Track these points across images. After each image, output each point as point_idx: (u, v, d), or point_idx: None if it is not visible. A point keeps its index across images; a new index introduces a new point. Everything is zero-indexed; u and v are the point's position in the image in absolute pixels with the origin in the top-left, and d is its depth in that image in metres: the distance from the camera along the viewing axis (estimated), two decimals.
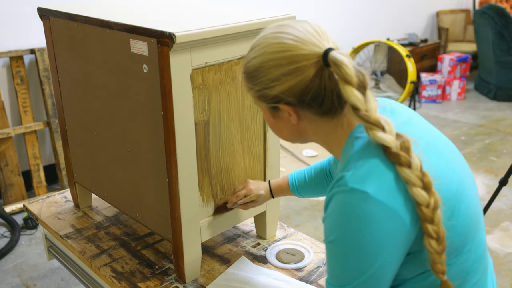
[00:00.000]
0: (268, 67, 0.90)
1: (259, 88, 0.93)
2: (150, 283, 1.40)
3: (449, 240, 0.87)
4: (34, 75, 3.27)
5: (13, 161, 3.14)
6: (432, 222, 0.83)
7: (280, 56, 0.89)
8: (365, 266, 0.85)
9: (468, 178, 0.98)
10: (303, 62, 0.87)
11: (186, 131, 1.25)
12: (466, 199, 0.92)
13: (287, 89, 0.90)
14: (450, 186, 0.90)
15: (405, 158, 0.84)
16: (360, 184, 0.84)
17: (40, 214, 1.76)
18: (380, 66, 4.85)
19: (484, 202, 3.08)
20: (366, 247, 0.84)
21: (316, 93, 0.89)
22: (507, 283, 2.45)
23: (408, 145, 0.85)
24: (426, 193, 0.83)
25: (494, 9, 4.91)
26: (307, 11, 4.64)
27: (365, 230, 0.84)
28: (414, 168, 0.83)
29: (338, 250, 0.88)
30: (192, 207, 1.33)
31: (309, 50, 0.87)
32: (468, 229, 0.92)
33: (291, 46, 0.88)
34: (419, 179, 0.83)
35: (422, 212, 0.83)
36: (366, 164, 0.86)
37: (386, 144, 0.84)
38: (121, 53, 1.30)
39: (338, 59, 0.85)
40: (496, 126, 4.48)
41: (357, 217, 0.84)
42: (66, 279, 2.51)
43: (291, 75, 0.88)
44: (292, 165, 3.66)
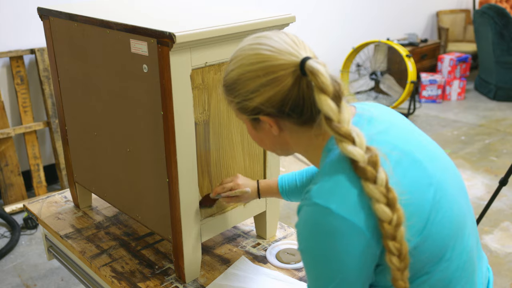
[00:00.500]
0: (245, 79, 0.91)
1: (239, 100, 0.94)
2: (150, 283, 1.40)
3: (426, 250, 0.88)
4: (34, 75, 3.27)
5: (13, 161, 3.14)
6: (394, 239, 0.83)
7: (257, 67, 0.89)
8: (332, 275, 0.87)
9: (451, 183, 0.96)
10: (281, 72, 0.87)
11: (186, 131, 1.25)
12: (444, 208, 0.91)
13: (266, 100, 0.90)
14: (423, 197, 0.89)
15: (371, 173, 0.84)
16: (324, 200, 0.85)
17: (40, 214, 1.76)
18: (380, 66, 4.85)
19: (484, 202, 3.08)
20: (330, 258, 0.86)
21: (295, 102, 0.89)
22: (507, 283, 2.45)
23: (376, 160, 0.85)
24: (389, 210, 0.83)
25: (494, 9, 4.91)
26: (307, 11, 4.65)
27: (328, 243, 0.85)
28: (379, 184, 0.83)
29: (307, 259, 0.91)
30: (192, 207, 1.33)
31: (286, 59, 0.87)
32: (448, 238, 0.91)
33: (267, 57, 0.88)
34: (383, 195, 0.83)
35: (383, 228, 0.83)
36: (332, 179, 0.87)
37: (353, 157, 0.84)
38: (121, 53, 1.30)
39: (314, 67, 0.84)
40: (496, 126, 4.48)
41: (320, 231, 0.86)
42: (66, 279, 2.51)
43: (269, 86, 0.88)
44: (292, 165, 3.66)
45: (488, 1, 5.90)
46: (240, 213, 1.48)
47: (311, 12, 4.70)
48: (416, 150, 0.94)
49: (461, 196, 0.98)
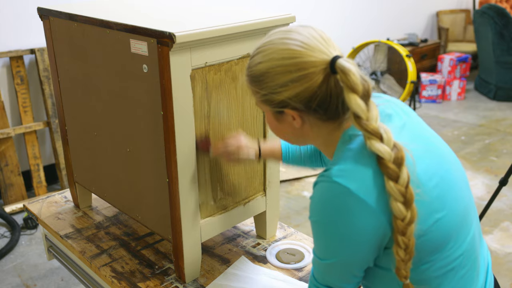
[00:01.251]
0: (275, 73, 0.91)
1: (265, 93, 0.94)
2: (150, 283, 1.40)
3: (429, 241, 0.91)
4: (34, 75, 3.27)
5: (13, 161, 3.14)
6: (403, 235, 0.87)
7: (288, 62, 0.90)
8: (339, 251, 0.92)
9: (456, 177, 0.99)
10: (311, 69, 0.88)
11: (186, 131, 1.25)
12: (449, 202, 0.94)
13: (295, 95, 0.91)
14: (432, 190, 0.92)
15: (394, 172, 0.86)
16: (344, 180, 0.88)
17: (40, 214, 1.76)
18: (380, 66, 4.85)
19: (484, 202, 3.08)
20: (342, 235, 0.90)
21: (323, 99, 0.91)
22: (507, 283, 2.45)
23: (402, 158, 0.87)
24: (404, 208, 0.86)
25: (494, 9, 4.91)
26: (307, 11, 4.64)
27: (342, 220, 0.89)
28: (400, 184, 0.86)
29: (318, 230, 0.95)
30: (192, 207, 1.33)
31: (317, 57, 0.89)
32: (452, 229, 0.94)
33: (299, 53, 0.89)
34: (401, 194, 0.86)
35: (396, 224, 0.87)
36: (354, 163, 0.90)
37: (380, 155, 0.87)
38: (121, 53, 1.30)
39: (345, 67, 0.86)
40: (496, 126, 4.48)
41: (336, 208, 0.89)
42: (66, 279, 2.51)
43: (299, 82, 0.89)
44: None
45: (488, 1, 5.90)
46: (240, 213, 1.48)
47: (311, 12, 4.70)
48: (427, 146, 0.97)
49: (465, 189, 1.02)
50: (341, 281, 0.98)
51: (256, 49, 0.96)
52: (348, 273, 0.96)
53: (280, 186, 2.82)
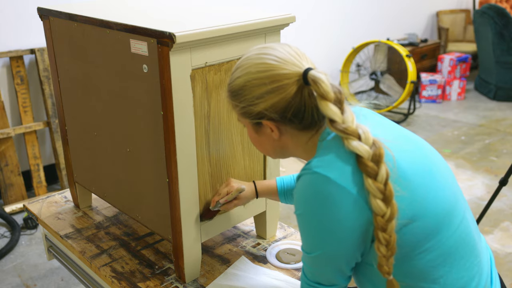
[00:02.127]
0: (251, 85, 0.97)
1: (244, 105, 1.00)
2: (150, 283, 1.40)
3: (417, 229, 0.93)
4: (34, 75, 3.27)
5: (13, 161, 3.14)
6: (384, 231, 0.89)
7: (263, 75, 0.95)
8: (324, 242, 0.95)
9: (438, 167, 1.02)
10: (285, 81, 0.94)
11: (186, 131, 1.25)
12: (436, 190, 0.97)
13: (270, 106, 0.96)
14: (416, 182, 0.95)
15: (373, 169, 0.89)
16: (323, 169, 0.92)
17: (40, 214, 1.76)
18: (380, 66, 4.85)
19: (484, 202, 3.08)
20: (325, 225, 0.93)
21: (297, 109, 0.96)
22: (507, 283, 2.45)
23: (380, 155, 0.90)
24: (384, 205, 0.88)
25: (494, 9, 4.91)
26: (307, 11, 4.65)
27: (325, 210, 0.92)
28: (379, 181, 0.88)
29: (303, 222, 0.97)
30: (192, 207, 1.33)
31: (290, 69, 0.94)
32: (440, 217, 0.96)
33: (273, 66, 0.95)
34: (380, 191, 0.88)
35: (376, 221, 0.89)
36: (331, 153, 0.94)
37: (359, 153, 0.90)
38: (121, 53, 1.30)
39: (316, 76, 0.91)
40: (496, 126, 4.48)
41: (318, 198, 0.92)
42: (66, 279, 2.51)
43: (274, 93, 0.95)
44: (292, 165, 3.66)
45: (488, 1, 5.90)
46: (240, 213, 1.48)
47: (311, 12, 4.70)
48: (406, 138, 1.02)
49: (451, 179, 1.04)
50: (330, 277, 0.99)
51: (236, 66, 1.02)
52: (335, 268, 0.98)
53: None
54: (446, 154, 3.91)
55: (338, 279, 1.00)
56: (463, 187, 3.36)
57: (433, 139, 4.20)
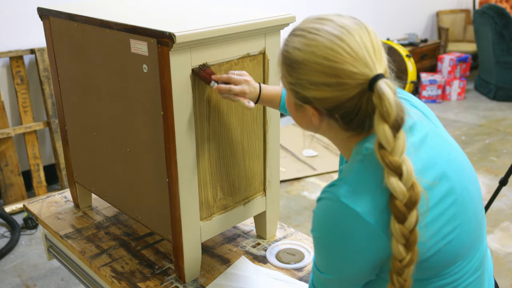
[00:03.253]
0: (310, 68, 0.85)
1: (293, 82, 0.88)
2: (150, 283, 1.40)
3: (438, 261, 0.89)
4: (34, 75, 3.27)
5: (13, 161, 3.14)
6: (399, 275, 0.84)
7: (327, 64, 0.83)
8: (340, 269, 0.90)
9: (472, 194, 0.95)
10: (348, 80, 0.83)
11: (186, 131, 1.25)
12: (462, 223, 0.91)
13: (321, 98, 0.86)
14: (443, 213, 0.89)
15: (403, 214, 0.82)
16: (352, 202, 0.84)
17: (40, 214, 1.76)
18: None
19: (484, 202, 3.08)
20: (343, 256, 0.88)
21: (349, 112, 0.86)
22: (507, 283, 2.45)
23: (415, 201, 0.82)
24: (404, 250, 0.82)
25: (494, 9, 4.91)
26: (307, 11, 4.65)
27: (346, 241, 0.86)
28: (406, 227, 0.82)
29: (319, 245, 0.92)
30: (192, 207, 1.33)
31: (359, 69, 0.83)
32: (463, 249, 0.92)
33: (342, 58, 0.83)
34: (403, 236, 0.82)
35: (393, 264, 0.84)
36: (365, 184, 0.86)
37: (395, 194, 0.82)
38: (121, 53, 1.30)
39: (383, 91, 0.80)
40: (496, 126, 4.48)
41: (340, 229, 0.86)
42: (66, 279, 2.51)
43: (331, 87, 0.84)
44: (292, 165, 3.66)
45: (488, 1, 5.90)
46: (240, 213, 1.48)
47: (311, 12, 4.70)
48: (444, 163, 0.92)
49: (479, 205, 0.98)
50: None
51: (299, 29, 0.88)
52: (348, 286, 0.94)
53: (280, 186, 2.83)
54: None
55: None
56: None
57: None
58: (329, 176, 3.53)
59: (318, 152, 3.85)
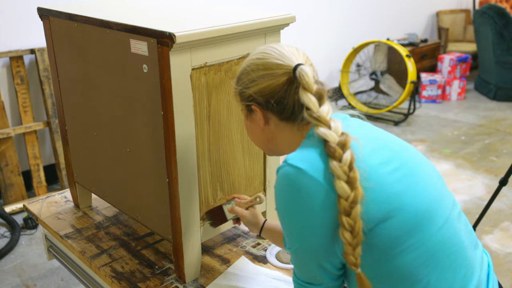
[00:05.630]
0: (249, 70, 1.06)
1: (240, 88, 1.08)
2: (150, 283, 1.40)
3: (391, 229, 0.93)
4: (34, 75, 3.27)
5: (13, 161, 3.14)
6: (348, 215, 0.91)
7: (260, 62, 1.05)
8: (301, 234, 0.97)
9: (419, 168, 1.03)
10: (277, 70, 1.02)
11: (186, 131, 1.25)
12: (409, 190, 0.97)
13: (259, 90, 1.04)
14: (390, 184, 0.97)
15: (338, 152, 0.93)
16: (296, 161, 0.96)
17: (40, 214, 1.76)
18: (380, 66, 4.85)
19: (484, 202, 3.08)
20: (299, 216, 0.96)
21: (281, 97, 1.03)
22: (507, 283, 2.45)
23: (346, 141, 0.95)
24: (348, 187, 0.91)
25: (494, 9, 4.91)
26: (307, 11, 4.64)
27: (298, 200, 0.95)
28: (343, 163, 0.92)
29: (281, 217, 1.01)
30: (192, 207, 1.33)
31: (284, 62, 1.03)
32: (415, 218, 0.96)
33: (270, 56, 1.04)
34: (344, 173, 0.92)
35: (340, 204, 0.91)
36: (305, 149, 0.99)
37: (325, 138, 0.96)
38: (121, 53, 1.31)
39: (303, 70, 0.99)
40: (496, 126, 4.48)
41: (291, 189, 0.96)
42: (66, 279, 2.51)
43: (264, 78, 1.03)
44: None
45: (488, 1, 5.90)
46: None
47: (311, 12, 4.70)
48: (386, 140, 1.05)
49: (437, 180, 1.05)
50: (316, 275, 1.00)
51: None
52: (317, 264, 0.98)
53: None
54: (446, 154, 3.91)
55: (324, 278, 1.00)
56: (463, 187, 3.36)
57: (433, 139, 4.20)
58: None
59: None
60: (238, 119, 1.38)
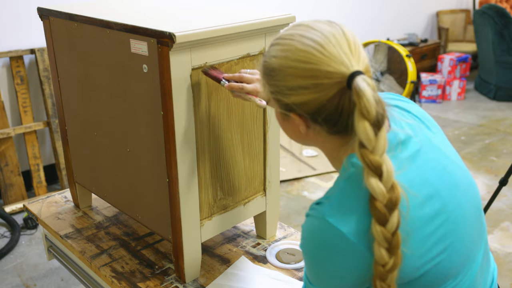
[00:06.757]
0: (286, 73, 0.85)
1: (273, 90, 0.88)
2: (150, 283, 1.40)
3: (427, 280, 0.87)
4: (34, 75, 3.27)
5: (13, 161, 3.14)
6: (383, 281, 0.82)
7: (301, 66, 0.83)
8: (328, 284, 0.89)
9: (465, 211, 0.93)
10: (325, 80, 0.81)
11: (186, 131, 1.25)
12: (454, 242, 0.89)
13: (302, 103, 0.85)
14: (430, 233, 0.87)
15: (383, 215, 0.80)
16: (338, 222, 0.83)
17: (40, 214, 1.76)
18: (380, 66, 4.85)
19: (484, 202, 3.08)
20: (330, 273, 0.87)
21: (331, 114, 0.84)
22: (507, 283, 2.45)
23: (396, 202, 0.80)
24: (387, 255, 0.81)
25: (494, 9, 4.91)
26: (307, 11, 4.65)
27: (332, 261, 0.85)
28: (387, 229, 0.80)
29: (307, 259, 0.91)
30: (192, 207, 1.33)
31: (335, 68, 0.81)
32: (454, 268, 0.90)
33: (316, 59, 0.82)
34: (386, 240, 0.80)
35: (376, 269, 0.82)
36: (347, 203, 0.85)
37: (374, 194, 0.80)
38: (121, 53, 1.30)
39: (361, 88, 0.78)
40: (496, 126, 4.48)
41: (326, 248, 0.85)
42: (66, 279, 2.51)
43: (309, 90, 0.83)
44: (292, 165, 3.66)
45: (488, 1, 5.90)
46: (240, 213, 1.48)
47: (311, 12, 4.70)
48: (438, 179, 0.90)
49: (475, 222, 0.96)
50: None
51: (276, 39, 0.89)
52: None
53: (280, 186, 2.82)
54: None
55: None
56: None
57: None
58: (329, 176, 3.53)
59: (318, 152, 3.85)
60: (238, 119, 1.38)
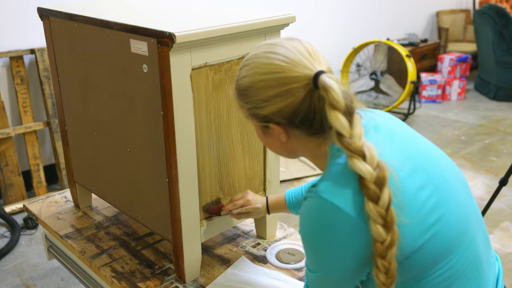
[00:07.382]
0: (258, 87, 0.91)
1: (250, 107, 0.95)
2: (150, 283, 1.40)
3: (426, 254, 0.89)
4: (34, 75, 3.27)
5: (13, 161, 3.14)
6: (383, 258, 0.85)
7: (270, 77, 0.90)
8: (329, 265, 0.91)
9: (452, 186, 0.97)
10: (293, 85, 0.88)
11: (186, 131, 1.25)
12: (445, 213, 0.92)
13: (277, 111, 0.91)
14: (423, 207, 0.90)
15: (375, 193, 0.84)
16: (331, 196, 0.87)
17: (40, 214, 1.76)
18: (380, 66, 4.85)
19: (484, 202, 3.08)
20: (329, 250, 0.89)
21: (306, 114, 0.90)
22: (507, 283, 2.45)
23: (384, 178, 0.84)
24: (384, 231, 0.83)
25: (494, 9, 4.91)
26: (307, 11, 4.65)
27: (329, 236, 0.88)
28: (380, 205, 0.83)
29: (306, 244, 0.94)
30: (192, 207, 1.33)
31: (300, 72, 0.88)
32: (451, 240, 0.92)
33: (281, 68, 0.89)
34: (380, 216, 0.83)
35: (375, 247, 0.84)
36: (339, 182, 0.88)
37: (362, 174, 0.84)
38: (121, 53, 1.30)
39: (327, 83, 0.85)
40: (496, 126, 4.48)
41: (323, 224, 0.88)
42: (66, 279, 2.51)
43: (281, 97, 0.89)
44: (292, 165, 3.66)
45: (488, 1, 5.90)
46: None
47: (312, 12, 4.70)
48: (418, 156, 0.96)
49: (464, 196, 0.99)
50: None
51: (243, 62, 0.97)
52: (338, 286, 0.95)
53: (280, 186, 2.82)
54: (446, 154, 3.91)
55: None
56: None
57: (433, 139, 4.20)
58: None
59: None
60: (238, 119, 1.38)
